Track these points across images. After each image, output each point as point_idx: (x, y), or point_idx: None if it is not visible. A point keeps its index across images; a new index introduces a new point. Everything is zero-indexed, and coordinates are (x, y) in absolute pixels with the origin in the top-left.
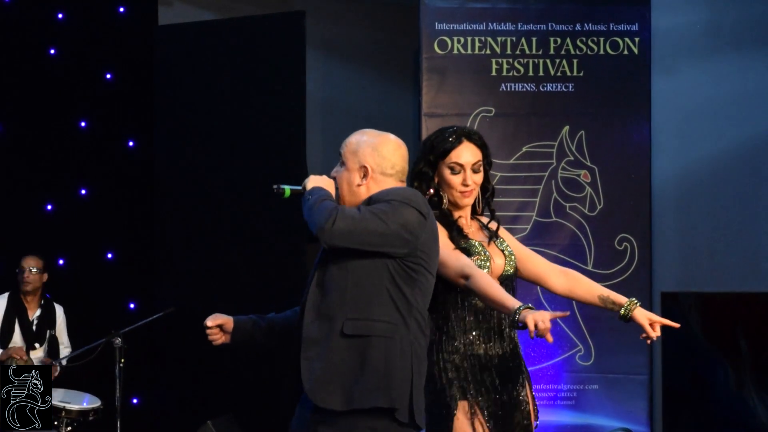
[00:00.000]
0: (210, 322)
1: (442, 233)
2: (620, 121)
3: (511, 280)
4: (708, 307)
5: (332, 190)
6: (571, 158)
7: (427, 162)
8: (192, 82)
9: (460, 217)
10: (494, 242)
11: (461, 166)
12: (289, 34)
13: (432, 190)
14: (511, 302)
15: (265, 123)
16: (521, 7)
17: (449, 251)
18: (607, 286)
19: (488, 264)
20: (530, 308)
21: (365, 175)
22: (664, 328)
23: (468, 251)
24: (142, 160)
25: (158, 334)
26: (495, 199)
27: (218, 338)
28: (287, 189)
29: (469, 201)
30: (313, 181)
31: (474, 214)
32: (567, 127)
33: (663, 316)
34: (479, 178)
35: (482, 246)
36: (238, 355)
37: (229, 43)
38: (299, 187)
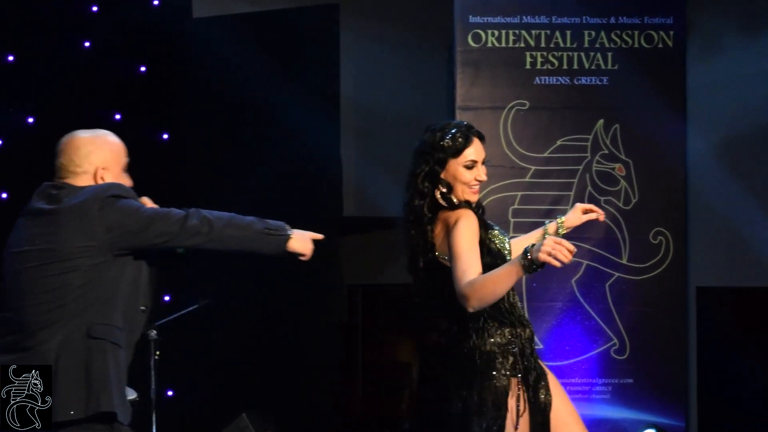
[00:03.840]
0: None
1: (475, 233)
2: (655, 114)
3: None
4: (744, 302)
5: None
6: (606, 152)
7: (437, 161)
8: (226, 75)
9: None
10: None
11: (475, 162)
12: (322, 27)
13: (444, 188)
14: (510, 266)
15: (298, 116)
16: (555, 0)
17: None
18: (642, 281)
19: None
20: (528, 251)
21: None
22: (700, 325)
23: (499, 251)
24: (174, 153)
25: (193, 326)
26: (530, 193)
27: None
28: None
29: (475, 198)
30: None
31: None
32: (601, 121)
33: (699, 311)
34: (485, 176)
35: (506, 241)
36: (273, 348)
37: (263, 36)
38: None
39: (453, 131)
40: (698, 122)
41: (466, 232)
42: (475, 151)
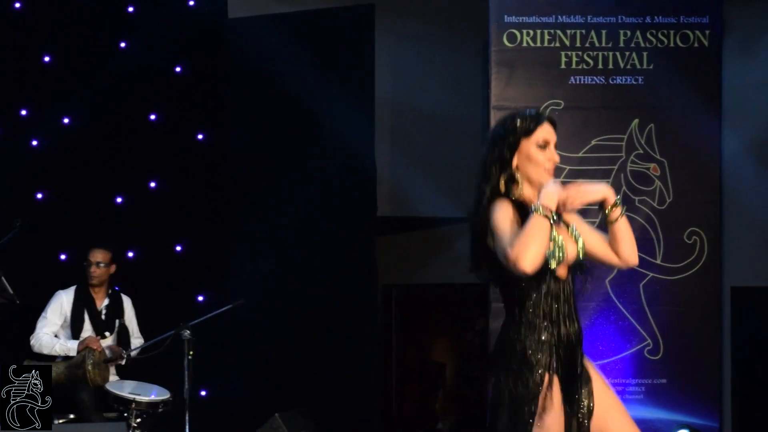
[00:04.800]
0: None
1: (511, 218)
2: (690, 114)
3: (582, 267)
4: None
5: None
6: (641, 151)
7: (507, 145)
8: (261, 75)
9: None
10: (564, 227)
11: (548, 141)
12: (358, 27)
13: (505, 178)
14: (531, 216)
15: (334, 116)
16: (591, 0)
17: (505, 232)
18: (676, 281)
19: (562, 253)
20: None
21: None
22: (735, 326)
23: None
24: (211, 153)
25: (227, 326)
26: None
27: None
28: None
29: (549, 178)
30: None
31: None
32: (636, 120)
33: (733, 311)
34: (558, 158)
35: (556, 233)
36: (308, 347)
37: (299, 36)
38: None
39: (525, 113)
40: (733, 122)
41: (499, 214)
42: (547, 131)
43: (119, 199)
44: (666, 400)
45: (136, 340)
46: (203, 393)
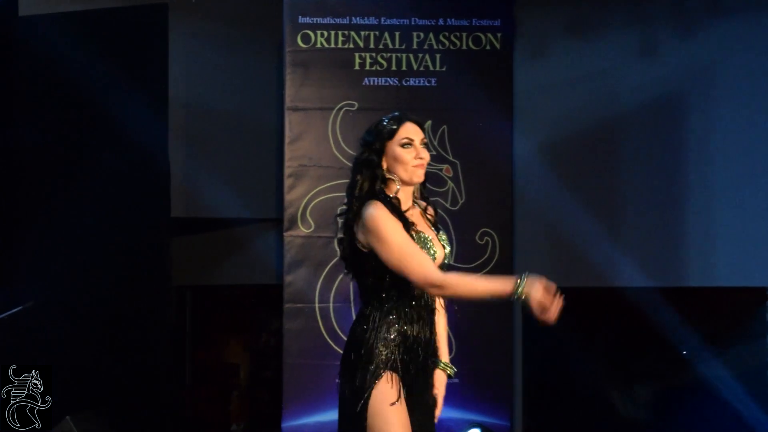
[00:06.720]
0: None
1: (398, 224)
2: (482, 116)
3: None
4: (570, 302)
5: None
6: (434, 153)
7: (372, 149)
8: (52, 74)
9: (407, 209)
10: (437, 234)
11: (411, 140)
12: (151, 26)
13: (377, 179)
14: (503, 286)
15: (127, 116)
16: (384, 2)
17: (413, 250)
18: None
19: (433, 256)
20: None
21: None
22: (525, 325)
23: (422, 247)
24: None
25: (17, 328)
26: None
27: None
28: None
29: (422, 175)
30: None
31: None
32: (430, 122)
33: (524, 310)
34: (427, 154)
35: (430, 241)
36: (101, 350)
37: (91, 35)
38: None
39: (386, 117)
40: (524, 124)
41: (385, 223)
42: (409, 130)
43: None
44: (458, 400)
45: None
46: None
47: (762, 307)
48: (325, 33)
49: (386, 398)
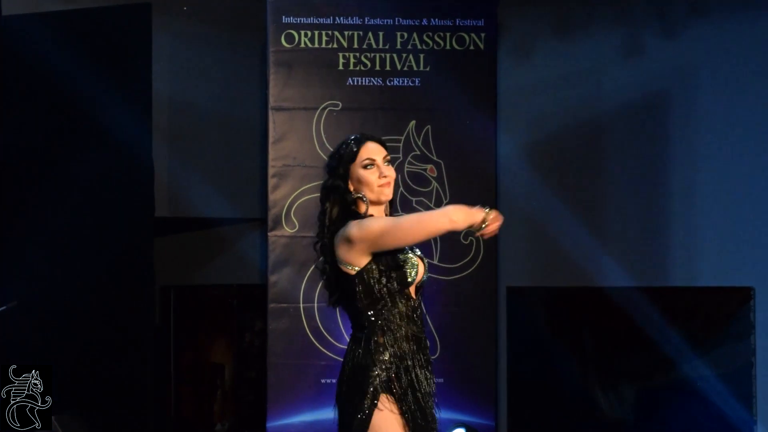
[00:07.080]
0: None
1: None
2: (466, 116)
3: (423, 288)
4: (554, 302)
5: None
6: (418, 153)
7: (337, 175)
8: (35, 74)
9: None
10: (411, 249)
11: (373, 160)
12: (135, 26)
13: (348, 205)
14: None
15: (111, 116)
16: (368, 2)
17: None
18: (453, 281)
19: (416, 272)
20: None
21: None
22: (509, 325)
23: (405, 263)
24: None
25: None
26: None
27: None
28: None
29: (389, 193)
30: None
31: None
32: (413, 122)
33: (508, 310)
34: (392, 171)
35: (411, 259)
36: (84, 350)
37: (74, 35)
38: None
39: (346, 140)
40: (508, 124)
41: (365, 222)
42: (370, 150)
43: None
44: (443, 400)
45: None
46: None
47: (746, 306)
48: (309, 33)
49: (387, 424)
